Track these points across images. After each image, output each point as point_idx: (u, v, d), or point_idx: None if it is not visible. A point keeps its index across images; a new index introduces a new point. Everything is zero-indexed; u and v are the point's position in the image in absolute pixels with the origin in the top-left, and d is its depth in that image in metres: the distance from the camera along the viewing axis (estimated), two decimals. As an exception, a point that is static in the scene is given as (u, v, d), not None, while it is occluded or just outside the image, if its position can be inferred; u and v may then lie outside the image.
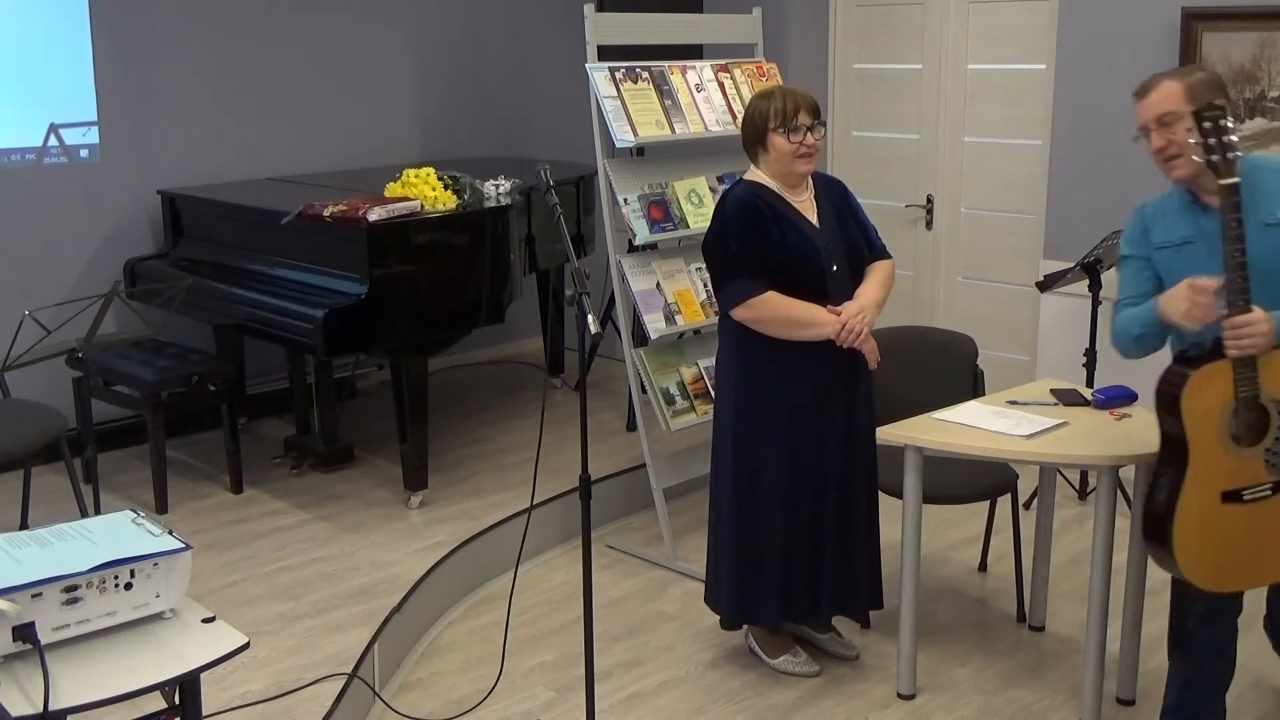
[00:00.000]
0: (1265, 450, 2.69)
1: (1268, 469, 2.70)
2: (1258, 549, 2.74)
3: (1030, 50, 5.28)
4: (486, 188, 4.72)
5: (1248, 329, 2.61)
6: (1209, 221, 2.76)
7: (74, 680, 1.88)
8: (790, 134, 3.36)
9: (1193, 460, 2.69)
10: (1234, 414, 2.67)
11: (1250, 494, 2.70)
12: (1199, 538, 2.72)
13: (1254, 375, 2.64)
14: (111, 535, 2.13)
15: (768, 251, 3.36)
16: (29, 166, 5.09)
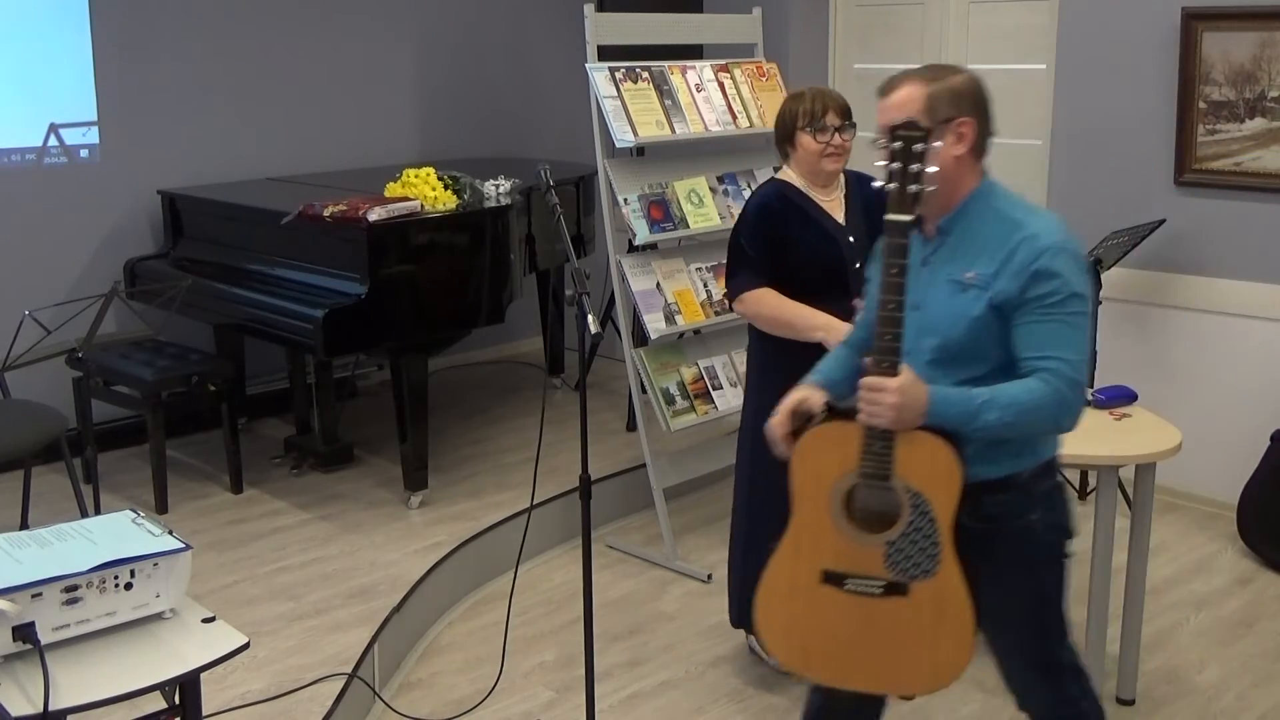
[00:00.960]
0: (888, 543, 2.24)
1: (886, 565, 2.26)
2: (852, 648, 2.32)
3: (1030, 50, 5.28)
4: (486, 188, 4.72)
5: (880, 395, 2.16)
6: (917, 250, 2.33)
7: (74, 680, 1.88)
8: (817, 134, 3.39)
9: (796, 520, 2.30)
10: (855, 490, 2.25)
11: (855, 585, 2.27)
12: (787, 609, 2.32)
13: (887, 453, 2.19)
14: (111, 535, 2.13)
15: (780, 253, 3.39)
16: (29, 166, 5.08)
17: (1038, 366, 2.21)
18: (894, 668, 2.33)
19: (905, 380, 2.16)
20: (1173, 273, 4.81)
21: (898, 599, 2.25)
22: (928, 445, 2.20)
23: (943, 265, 2.32)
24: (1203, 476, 4.78)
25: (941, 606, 2.27)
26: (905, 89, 2.28)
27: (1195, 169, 4.68)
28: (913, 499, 2.22)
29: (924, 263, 2.33)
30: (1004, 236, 2.26)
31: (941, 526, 2.23)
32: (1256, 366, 4.64)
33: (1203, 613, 4.04)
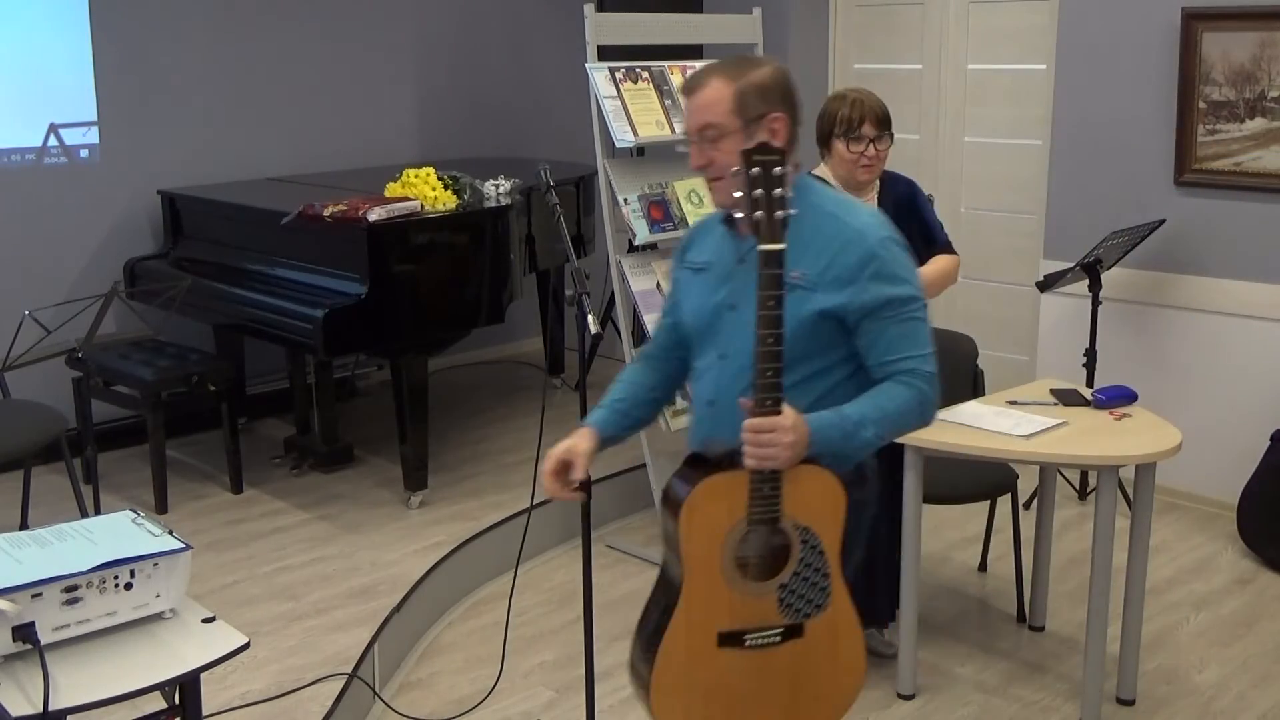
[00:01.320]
0: (780, 587, 2.14)
1: (780, 610, 2.15)
2: (753, 704, 2.20)
3: (1030, 50, 5.28)
4: (486, 188, 4.72)
5: (772, 436, 2.05)
6: (730, 250, 2.27)
7: (74, 680, 1.88)
8: (850, 143, 3.40)
9: (688, 588, 2.13)
10: (745, 539, 2.12)
11: (754, 639, 2.15)
12: (685, 681, 2.16)
13: (776, 494, 2.09)
14: (111, 535, 2.13)
15: None
16: (29, 166, 5.08)
17: (896, 369, 2.20)
18: (796, 711, 2.24)
19: (794, 416, 2.07)
20: (1173, 273, 4.81)
21: (795, 641, 2.18)
22: (816, 478, 2.13)
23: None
24: (1203, 476, 4.78)
25: (835, 636, 2.23)
26: (711, 87, 2.19)
27: (1195, 169, 4.68)
28: (802, 535, 2.14)
29: (740, 261, 2.23)
30: (828, 235, 2.19)
31: (830, 558, 2.18)
32: (1256, 366, 4.64)
33: (1203, 613, 4.04)
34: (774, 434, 2.05)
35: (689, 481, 2.13)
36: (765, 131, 2.18)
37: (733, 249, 2.27)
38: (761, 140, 2.12)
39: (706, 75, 2.22)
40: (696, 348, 2.35)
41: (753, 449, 2.06)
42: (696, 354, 2.35)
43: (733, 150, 2.14)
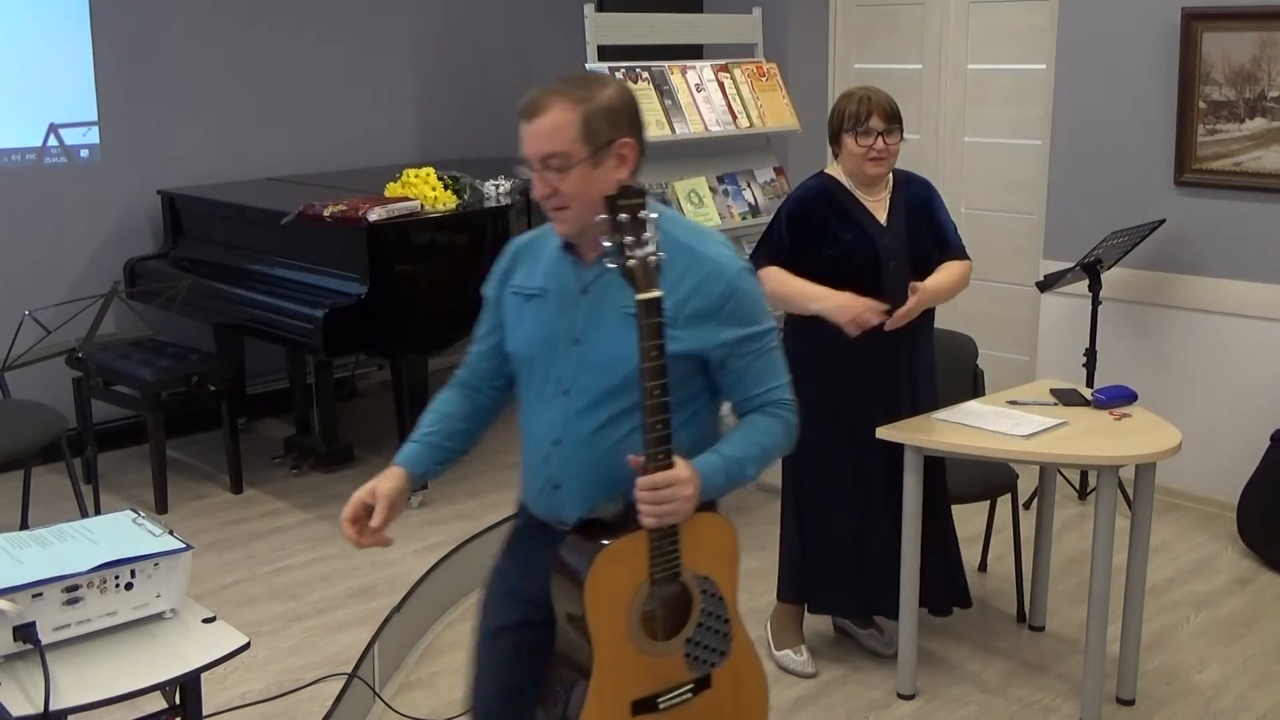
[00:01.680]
0: (686, 642, 2.09)
1: (688, 665, 2.10)
2: None
3: (1030, 50, 5.28)
4: (486, 188, 4.72)
5: (671, 491, 1.98)
6: (571, 278, 2.14)
7: (75, 680, 1.88)
8: (859, 137, 3.41)
9: (599, 663, 2.02)
10: (648, 600, 2.05)
11: (667, 701, 2.08)
12: None
13: (675, 549, 2.03)
14: (112, 535, 2.13)
15: (816, 246, 3.43)
16: (29, 166, 5.08)
17: (763, 402, 2.16)
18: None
19: (688, 467, 2.01)
20: (1173, 273, 4.81)
21: (704, 694, 2.13)
22: (709, 525, 2.09)
23: (609, 295, 2.07)
24: (1203, 476, 4.78)
25: (739, 681, 2.18)
26: (555, 112, 2.06)
27: (1195, 169, 4.68)
28: (702, 585, 2.09)
29: (584, 291, 2.12)
30: (683, 266, 2.07)
31: (729, 603, 2.14)
32: (1256, 366, 4.64)
33: (1203, 613, 4.04)
34: (674, 489, 1.98)
35: (586, 553, 2.02)
36: (615, 159, 2.07)
37: (574, 278, 2.13)
38: (617, 176, 2.04)
39: (547, 98, 2.07)
40: (525, 377, 2.21)
41: (652, 507, 1.98)
42: (524, 383, 2.22)
43: (581, 179, 2.04)
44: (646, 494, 1.98)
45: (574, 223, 2.08)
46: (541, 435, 2.22)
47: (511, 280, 2.22)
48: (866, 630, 3.78)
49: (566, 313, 2.13)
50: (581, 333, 2.12)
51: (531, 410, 2.23)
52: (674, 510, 1.99)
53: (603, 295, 2.10)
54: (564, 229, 2.11)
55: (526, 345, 2.18)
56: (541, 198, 2.09)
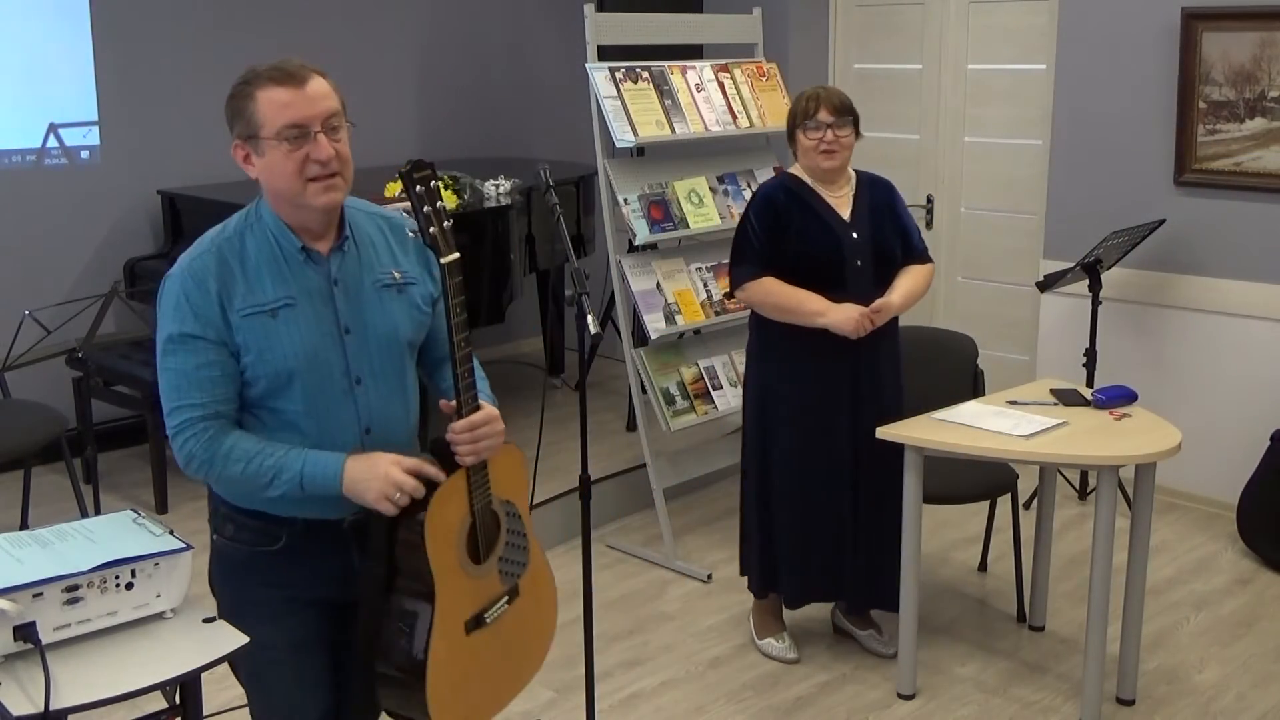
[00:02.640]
0: (500, 560, 2.30)
1: (502, 579, 2.32)
2: (501, 670, 2.37)
3: (1030, 50, 5.28)
4: (486, 188, 4.72)
5: (487, 429, 2.17)
6: (313, 277, 2.15)
7: (75, 680, 1.88)
8: (809, 131, 3.46)
9: (441, 596, 2.19)
10: (471, 530, 2.24)
11: (491, 614, 2.30)
12: (450, 679, 2.22)
13: (486, 480, 2.24)
14: (112, 535, 2.12)
15: (781, 243, 3.47)
16: (29, 167, 5.08)
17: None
18: (526, 660, 2.45)
19: (493, 407, 2.22)
20: (1173, 273, 4.81)
21: (516, 602, 2.36)
22: (505, 454, 2.29)
23: (357, 277, 2.18)
24: (1203, 476, 4.78)
25: (536, 581, 2.43)
26: (318, 78, 2.12)
27: (1195, 169, 4.68)
28: (506, 508, 2.31)
29: (335, 283, 2.16)
30: (391, 230, 2.26)
31: (525, 519, 2.37)
32: (1256, 366, 4.64)
33: (1203, 613, 4.04)
34: (489, 427, 2.18)
35: (417, 506, 2.15)
36: (346, 130, 2.15)
37: (316, 275, 2.15)
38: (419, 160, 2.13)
39: (303, 68, 2.11)
40: (298, 387, 2.14)
41: (471, 446, 2.16)
42: (298, 393, 2.14)
43: (346, 141, 2.12)
44: (465, 435, 2.15)
45: (344, 189, 2.14)
46: (344, 431, 2.19)
47: (235, 306, 2.10)
48: (866, 631, 3.78)
49: (325, 309, 2.15)
50: (349, 322, 2.17)
51: (320, 412, 2.17)
52: (490, 446, 2.20)
53: (353, 280, 2.18)
54: (337, 196, 2.12)
55: (296, 358, 2.12)
56: (328, 156, 2.08)
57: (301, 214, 2.13)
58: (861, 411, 3.51)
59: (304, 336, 2.12)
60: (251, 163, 2.12)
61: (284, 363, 2.11)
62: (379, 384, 2.21)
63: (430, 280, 2.28)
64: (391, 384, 2.23)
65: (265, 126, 2.07)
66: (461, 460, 2.17)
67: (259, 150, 2.09)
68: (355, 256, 2.19)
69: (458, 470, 2.19)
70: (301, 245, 2.14)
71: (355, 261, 2.18)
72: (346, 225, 2.19)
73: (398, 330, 2.21)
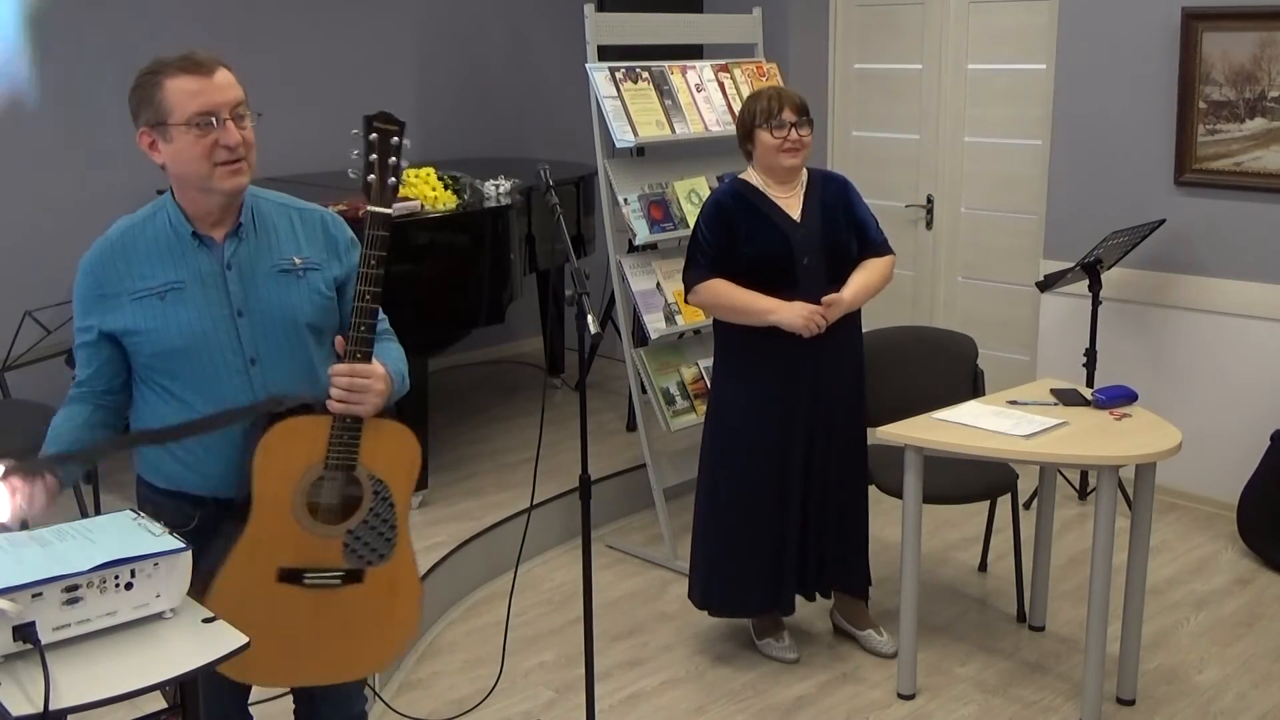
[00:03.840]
0: (347, 533, 2.26)
1: (344, 554, 2.27)
2: (304, 642, 2.29)
3: (1030, 50, 5.28)
4: (486, 188, 4.72)
5: (366, 382, 2.20)
6: (205, 261, 2.24)
7: (74, 680, 1.88)
8: (774, 130, 3.48)
9: (255, 522, 2.20)
10: (319, 483, 2.22)
11: (314, 579, 2.25)
12: (233, 609, 2.14)
13: (355, 441, 2.22)
14: (112, 535, 2.12)
15: (733, 247, 3.50)
16: (29, 167, 5.08)
17: (384, 328, 2.43)
18: (345, 655, 2.36)
19: (383, 369, 2.25)
20: (1173, 273, 4.81)
21: (355, 586, 2.29)
22: (397, 434, 2.26)
23: (254, 263, 2.27)
24: (1203, 476, 4.78)
25: (395, 587, 2.34)
26: (222, 69, 2.18)
27: (1195, 169, 4.68)
28: (375, 486, 2.26)
29: (228, 267, 2.25)
30: (303, 221, 2.35)
31: (400, 512, 2.31)
32: (1256, 366, 4.64)
33: (1203, 613, 4.04)
34: (368, 380, 2.20)
35: (265, 423, 2.20)
36: (252, 121, 2.23)
37: (208, 259, 2.24)
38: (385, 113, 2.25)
39: (206, 58, 2.18)
40: (189, 366, 2.24)
41: (343, 393, 2.18)
42: (189, 372, 2.24)
43: (251, 129, 2.20)
44: (343, 379, 2.18)
45: (249, 173, 2.22)
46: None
47: (131, 285, 2.22)
48: (865, 630, 3.78)
49: (216, 292, 2.24)
50: (241, 305, 2.25)
51: (211, 390, 2.26)
52: (362, 401, 2.19)
53: (248, 265, 2.26)
54: (242, 180, 2.22)
55: (184, 337, 2.23)
56: (237, 141, 2.17)
57: (204, 199, 2.23)
58: (818, 410, 3.54)
59: (192, 318, 2.23)
60: (158, 149, 2.20)
61: (171, 341, 2.22)
62: (277, 364, 2.29)
63: (338, 264, 2.37)
64: (292, 365, 2.30)
65: (174, 114, 2.15)
66: (331, 404, 2.19)
67: (166, 137, 2.17)
68: (253, 242, 2.27)
69: (325, 415, 2.19)
70: (193, 231, 2.24)
71: (252, 247, 2.27)
72: (245, 211, 2.28)
73: (296, 313, 2.30)
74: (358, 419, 2.22)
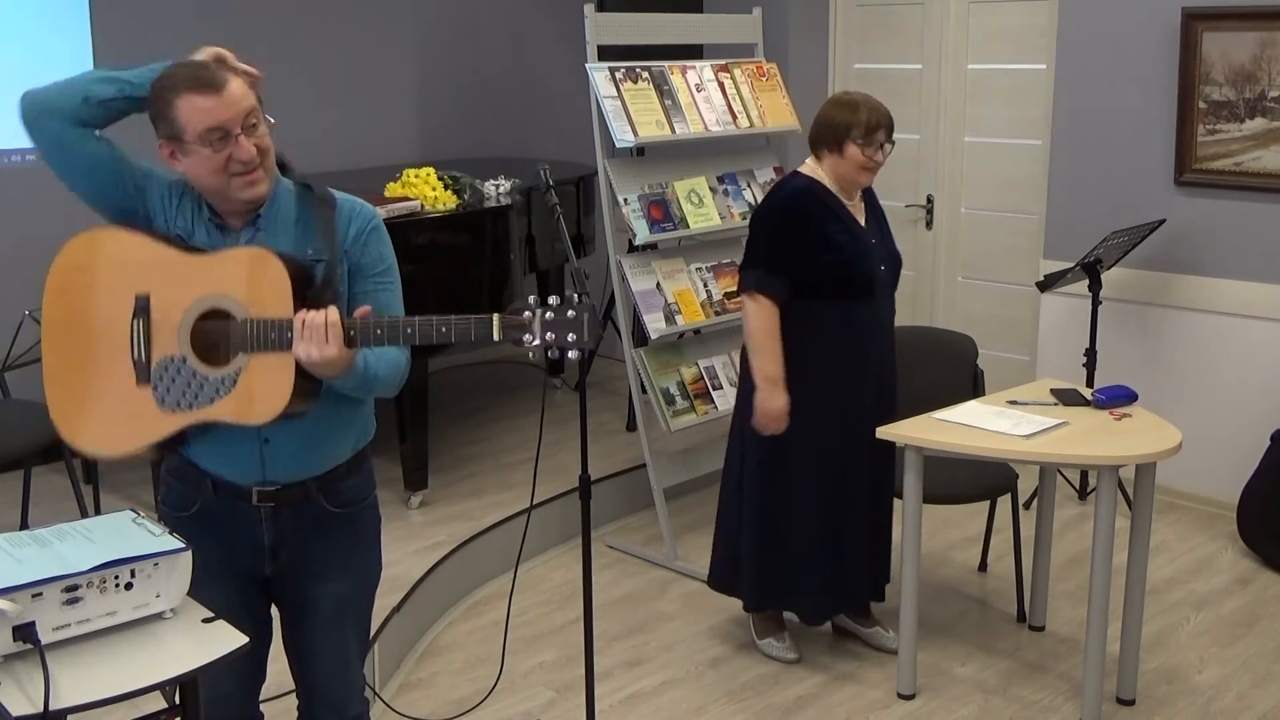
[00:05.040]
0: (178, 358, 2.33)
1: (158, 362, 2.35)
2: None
3: (1030, 50, 5.28)
4: (486, 188, 4.72)
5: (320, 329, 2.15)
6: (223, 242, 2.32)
7: (74, 680, 1.88)
8: (866, 148, 3.43)
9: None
10: (216, 315, 2.29)
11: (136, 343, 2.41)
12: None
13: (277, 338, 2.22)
14: (111, 535, 2.12)
15: (809, 251, 3.43)
16: (29, 167, 5.08)
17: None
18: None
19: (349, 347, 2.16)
20: (1173, 273, 4.81)
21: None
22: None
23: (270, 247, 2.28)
24: (1203, 476, 4.78)
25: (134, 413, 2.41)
26: (232, 82, 2.22)
27: (1195, 169, 4.68)
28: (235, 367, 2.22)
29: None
30: (323, 214, 2.31)
31: (215, 408, 2.27)
32: (1256, 366, 4.64)
33: (1203, 613, 4.04)
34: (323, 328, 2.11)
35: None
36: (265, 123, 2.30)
37: (224, 242, 2.30)
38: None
39: (217, 73, 2.22)
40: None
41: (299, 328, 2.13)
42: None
43: (266, 133, 2.26)
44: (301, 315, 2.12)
45: (267, 179, 2.25)
46: None
47: (180, 225, 2.37)
48: (871, 628, 3.78)
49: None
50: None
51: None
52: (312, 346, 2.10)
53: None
54: (261, 189, 2.24)
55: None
56: (250, 156, 2.19)
57: (226, 203, 2.28)
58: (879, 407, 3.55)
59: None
60: (177, 159, 2.28)
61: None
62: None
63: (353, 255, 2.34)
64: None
65: (187, 131, 2.21)
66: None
67: (183, 151, 2.24)
68: (272, 231, 2.29)
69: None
70: (211, 216, 2.31)
71: (269, 236, 2.28)
72: (268, 203, 2.30)
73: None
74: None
